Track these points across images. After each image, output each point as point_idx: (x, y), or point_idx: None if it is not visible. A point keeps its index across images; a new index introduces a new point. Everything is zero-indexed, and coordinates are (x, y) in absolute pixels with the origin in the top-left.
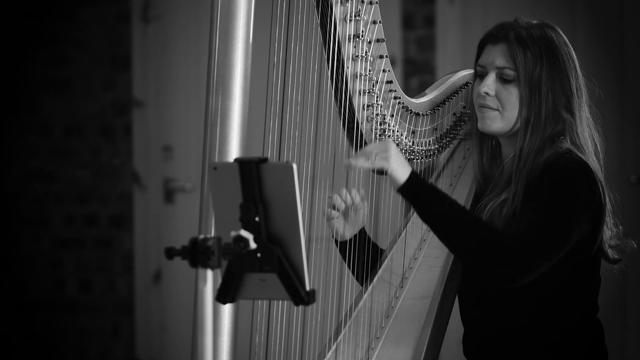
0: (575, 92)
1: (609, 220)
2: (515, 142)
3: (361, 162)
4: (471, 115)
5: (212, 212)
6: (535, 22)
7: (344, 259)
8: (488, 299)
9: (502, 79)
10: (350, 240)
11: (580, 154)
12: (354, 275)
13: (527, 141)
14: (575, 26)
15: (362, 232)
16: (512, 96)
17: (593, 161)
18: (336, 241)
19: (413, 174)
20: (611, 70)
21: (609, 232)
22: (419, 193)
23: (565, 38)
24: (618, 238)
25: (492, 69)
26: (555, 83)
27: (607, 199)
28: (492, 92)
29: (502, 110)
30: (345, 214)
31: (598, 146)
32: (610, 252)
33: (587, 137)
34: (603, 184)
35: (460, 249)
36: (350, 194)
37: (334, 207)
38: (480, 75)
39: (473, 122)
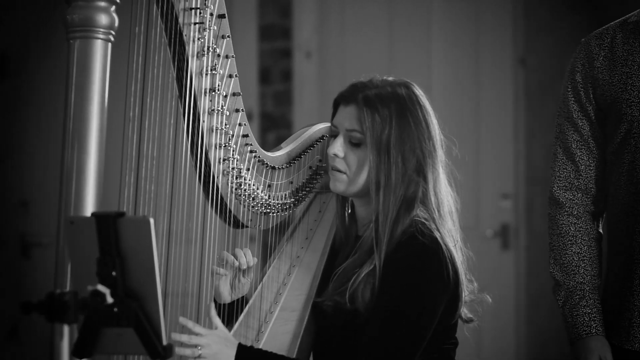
0: (426, 154)
1: (464, 277)
2: (365, 203)
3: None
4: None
5: (68, 267)
6: (390, 79)
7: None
8: (341, 353)
9: (351, 142)
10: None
11: (430, 228)
12: None
13: (381, 205)
14: (431, 80)
15: (244, 299)
16: (359, 159)
17: (444, 228)
18: (215, 302)
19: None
20: (469, 126)
21: (464, 290)
22: None
23: (420, 97)
24: (473, 294)
25: (342, 130)
26: (405, 145)
27: (459, 265)
28: (340, 154)
29: (349, 174)
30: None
31: (453, 206)
32: (464, 312)
33: (443, 199)
34: (452, 253)
35: None
36: (243, 257)
37: (224, 264)
38: (334, 135)
39: None
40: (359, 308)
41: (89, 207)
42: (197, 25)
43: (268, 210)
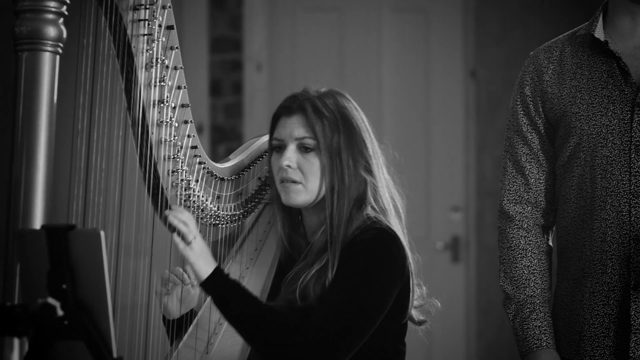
0: (372, 154)
1: (413, 281)
2: (318, 211)
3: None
4: (271, 185)
5: (17, 279)
6: (323, 90)
7: (167, 334)
8: None
9: (303, 149)
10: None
11: (384, 220)
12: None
13: (335, 208)
14: (381, 92)
15: (192, 312)
16: (314, 166)
17: (395, 223)
18: (164, 317)
19: (215, 272)
20: (420, 138)
21: (413, 293)
22: (218, 292)
23: (354, 103)
24: (422, 298)
25: (291, 140)
26: (354, 148)
27: (411, 261)
28: (294, 165)
29: (305, 183)
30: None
31: (399, 205)
32: (416, 314)
33: (388, 198)
34: (405, 246)
35: (262, 349)
36: (184, 273)
37: (165, 284)
38: (276, 149)
39: (273, 193)
40: (311, 303)
41: (38, 219)
42: (145, 36)
43: (217, 222)
